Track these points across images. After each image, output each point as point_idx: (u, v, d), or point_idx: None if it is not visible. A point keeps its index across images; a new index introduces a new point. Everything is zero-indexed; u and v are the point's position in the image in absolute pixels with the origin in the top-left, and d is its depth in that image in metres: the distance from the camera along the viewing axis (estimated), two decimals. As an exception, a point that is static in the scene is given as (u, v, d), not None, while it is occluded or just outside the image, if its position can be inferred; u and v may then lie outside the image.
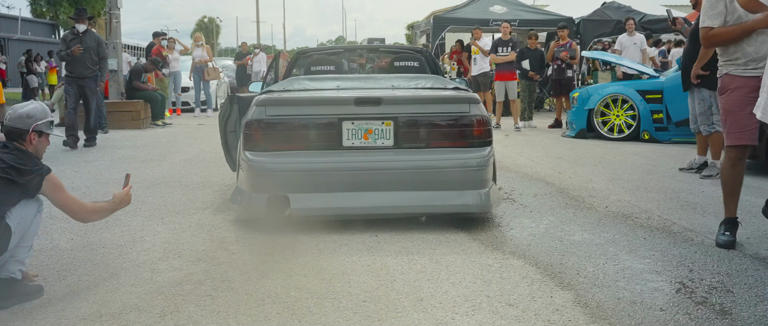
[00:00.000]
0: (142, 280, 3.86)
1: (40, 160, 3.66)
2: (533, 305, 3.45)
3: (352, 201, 4.87)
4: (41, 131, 3.68)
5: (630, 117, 11.06)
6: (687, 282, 3.79)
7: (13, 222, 3.46)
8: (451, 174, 4.93)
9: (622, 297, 3.55)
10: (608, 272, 3.98)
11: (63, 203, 3.69)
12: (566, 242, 4.67)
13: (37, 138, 3.67)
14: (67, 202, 3.70)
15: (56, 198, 3.66)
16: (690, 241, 4.66)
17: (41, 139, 3.70)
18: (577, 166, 8.21)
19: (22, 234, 3.55)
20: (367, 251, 4.42)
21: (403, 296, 3.58)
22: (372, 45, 7.64)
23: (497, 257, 4.30)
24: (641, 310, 3.37)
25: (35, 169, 3.54)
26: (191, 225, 5.20)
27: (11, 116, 3.64)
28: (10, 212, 3.46)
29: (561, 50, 13.69)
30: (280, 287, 3.71)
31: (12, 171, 3.45)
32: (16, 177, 3.46)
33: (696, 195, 6.31)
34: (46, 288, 3.71)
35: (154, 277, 3.91)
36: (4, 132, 3.66)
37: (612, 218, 5.40)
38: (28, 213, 3.56)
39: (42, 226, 4.67)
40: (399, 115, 4.94)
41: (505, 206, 5.83)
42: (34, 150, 3.66)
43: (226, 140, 6.08)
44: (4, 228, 3.42)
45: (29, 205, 3.57)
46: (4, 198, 3.43)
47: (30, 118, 3.63)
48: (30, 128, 3.62)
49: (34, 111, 3.67)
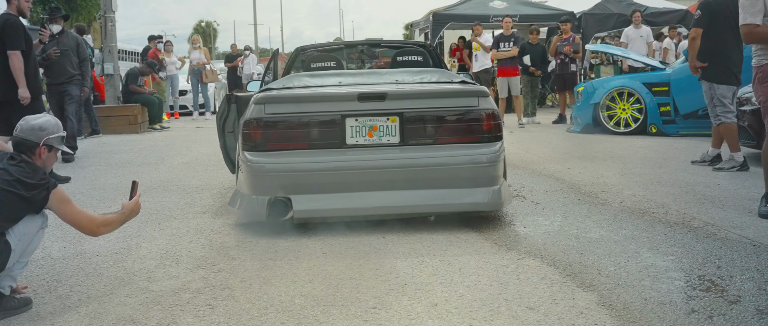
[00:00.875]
0: (137, 290, 3.63)
1: (47, 174, 3.46)
2: (555, 308, 3.22)
3: (357, 201, 4.65)
4: (52, 145, 3.50)
5: (636, 110, 10.83)
6: (716, 280, 3.57)
7: (13, 240, 3.26)
8: (461, 171, 4.71)
9: (650, 298, 3.32)
10: (631, 271, 3.76)
11: (71, 217, 3.47)
12: (583, 240, 4.44)
13: (47, 152, 3.49)
14: (76, 216, 3.49)
15: (63, 213, 3.45)
16: (713, 236, 4.44)
17: (50, 154, 3.53)
18: (586, 162, 7.98)
19: (22, 251, 3.34)
20: (375, 254, 4.20)
21: (415, 301, 3.35)
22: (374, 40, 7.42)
23: (512, 257, 4.07)
24: (672, 312, 3.14)
25: (41, 183, 3.33)
26: (189, 230, 4.98)
27: (22, 127, 3.46)
28: (12, 229, 3.26)
29: (564, 44, 13.46)
30: (284, 294, 3.48)
31: (18, 184, 3.25)
32: (21, 191, 3.26)
33: (712, 189, 6.08)
34: (36, 300, 3.49)
35: (150, 286, 3.69)
36: (13, 143, 3.47)
37: (628, 214, 5.18)
38: (30, 229, 3.36)
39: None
40: (405, 110, 4.72)
41: (517, 204, 5.61)
42: (43, 164, 3.48)
43: (224, 142, 5.86)
44: (4, 246, 3.21)
45: (33, 221, 3.37)
46: (7, 214, 3.23)
47: (42, 131, 3.46)
48: (41, 141, 3.44)
49: (47, 124, 3.50)
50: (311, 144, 4.70)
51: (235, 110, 5.61)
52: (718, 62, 7.01)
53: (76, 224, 3.52)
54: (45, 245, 4.56)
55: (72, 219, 3.49)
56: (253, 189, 4.72)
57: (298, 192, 4.63)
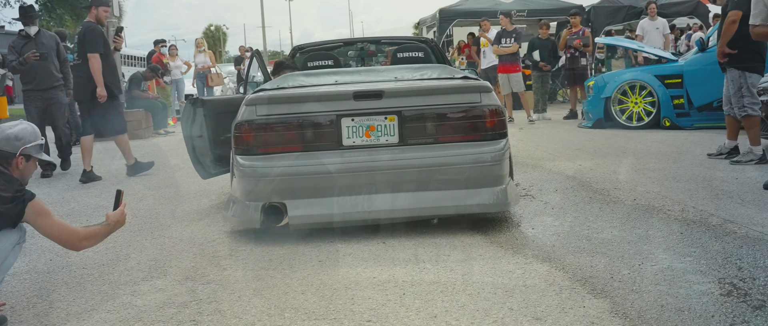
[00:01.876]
0: (119, 305, 3.42)
1: (24, 186, 3.25)
2: (564, 318, 2.98)
3: (355, 205, 4.42)
4: (30, 155, 3.31)
5: (649, 104, 10.54)
6: (738, 282, 3.32)
7: None
8: (464, 171, 4.47)
9: (666, 304, 3.07)
10: (646, 274, 3.51)
11: (50, 231, 3.27)
12: (595, 241, 4.20)
13: (25, 162, 3.31)
14: (55, 229, 3.28)
15: (42, 226, 3.25)
16: (732, 234, 4.18)
17: (29, 164, 3.34)
18: (598, 158, 7.72)
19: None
20: (374, 261, 3.97)
21: (413, 313, 3.12)
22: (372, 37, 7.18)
23: (519, 262, 3.83)
24: (690, 319, 2.90)
25: (16, 196, 3.12)
26: (182, 239, 4.76)
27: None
28: None
29: (574, 38, 13.15)
30: (274, 307, 3.26)
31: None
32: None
33: (730, 183, 5.81)
34: (11, 318, 3.29)
35: (133, 301, 3.48)
36: None
37: (642, 212, 4.92)
38: (4, 245, 3.15)
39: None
40: (403, 108, 4.48)
41: (524, 204, 5.36)
42: (20, 175, 3.29)
43: (192, 146, 5.65)
44: None
45: (8, 237, 3.16)
46: None
47: (18, 140, 3.28)
48: (18, 151, 3.26)
49: (23, 132, 3.31)
50: (306, 146, 4.48)
51: (202, 114, 5.45)
52: (751, 49, 6.61)
53: (56, 238, 3.32)
54: (31, 257, 4.38)
55: (51, 233, 3.29)
56: (246, 195, 4.50)
57: (293, 197, 4.41)
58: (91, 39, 7.57)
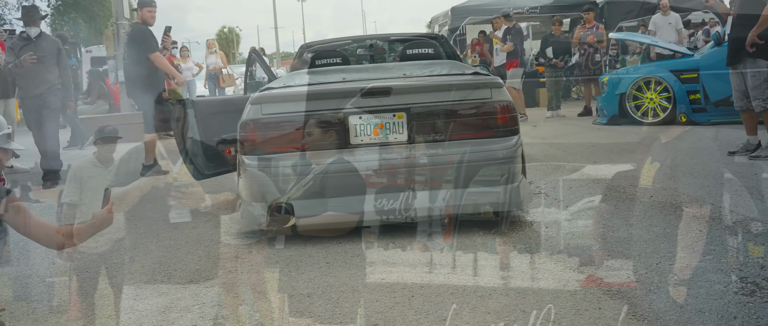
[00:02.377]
0: (121, 309, 3.34)
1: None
2: (579, 320, 2.87)
3: (363, 205, 4.31)
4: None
5: (664, 99, 10.35)
6: (761, 282, 3.19)
7: None
8: (475, 168, 4.35)
9: (686, 305, 2.96)
10: (664, 274, 3.39)
11: (28, 229, 3.13)
12: (610, 240, 4.08)
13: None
14: (34, 228, 3.14)
15: (20, 224, 3.11)
16: (753, 231, 4.04)
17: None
18: (613, 154, 7.58)
19: None
20: (383, 263, 3.89)
21: (422, 316, 3.02)
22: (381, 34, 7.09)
23: (531, 262, 3.72)
24: (711, 320, 2.78)
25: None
26: (188, 240, 4.68)
27: None
28: None
29: (587, 34, 13.00)
30: (278, 311, 3.17)
31: None
32: None
33: (750, 179, 5.66)
34: (10, 323, 3.21)
35: (135, 305, 3.40)
36: None
37: (659, 209, 4.78)
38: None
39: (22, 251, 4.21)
40: (412, 105, 4.38)
41: (538, 202, 5.24)
42: None
43: (184, 147, 5.58)
44: None
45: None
46: None
47: None
48: None
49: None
50: (313, 145, 4.38)
51: (193, 115, 5.38)
52: None
53: (34, 237, 3.16)
54: (34, 262, 4.31)
55: (30, 231, 3.13)
56: (252, 196, 4.41)
57: (299, 198, 4.32)
58: (142, 39, 7.52)
